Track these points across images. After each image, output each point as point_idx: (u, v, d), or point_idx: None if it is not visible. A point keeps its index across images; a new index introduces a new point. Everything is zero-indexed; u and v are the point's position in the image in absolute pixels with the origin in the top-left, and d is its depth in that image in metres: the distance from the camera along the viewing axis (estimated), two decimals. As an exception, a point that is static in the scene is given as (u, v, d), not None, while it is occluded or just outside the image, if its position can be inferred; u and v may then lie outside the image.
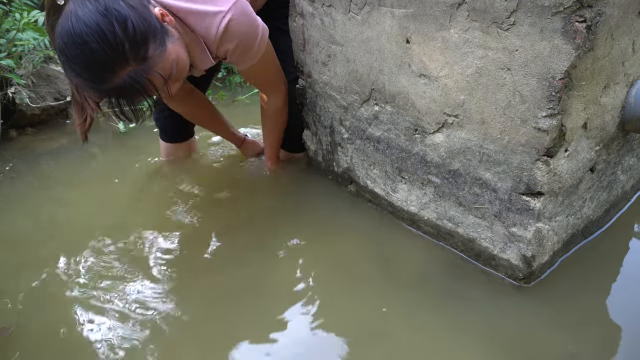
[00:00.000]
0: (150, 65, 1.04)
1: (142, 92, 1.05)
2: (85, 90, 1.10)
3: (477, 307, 1.14)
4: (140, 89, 1.04)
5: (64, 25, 0.98)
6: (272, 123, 1.63)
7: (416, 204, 1.34)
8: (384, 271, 1.26)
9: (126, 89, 1.03)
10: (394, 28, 1.19)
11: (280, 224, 1.46)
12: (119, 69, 1.01)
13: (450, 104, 1.14)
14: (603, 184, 1.25)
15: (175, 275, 1.30)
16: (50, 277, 1.31)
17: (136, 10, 1.02)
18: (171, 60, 1.09)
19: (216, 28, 1.20)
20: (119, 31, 0.98)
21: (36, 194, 1.71)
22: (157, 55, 1.05)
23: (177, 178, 1.73)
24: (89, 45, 0.97)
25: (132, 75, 1.02)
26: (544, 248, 1.13)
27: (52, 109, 2.20)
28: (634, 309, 1.12)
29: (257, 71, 1.42)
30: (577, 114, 1.02)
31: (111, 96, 1.05)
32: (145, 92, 1.06)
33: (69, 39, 0.97)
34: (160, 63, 1.06)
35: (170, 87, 1.12)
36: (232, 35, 1.23)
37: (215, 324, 1.15)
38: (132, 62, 1.01)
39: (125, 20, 0.99)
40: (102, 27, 0.97)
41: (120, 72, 1.01)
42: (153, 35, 1.04)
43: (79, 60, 0.99)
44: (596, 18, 0.91)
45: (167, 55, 1.07)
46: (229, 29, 1.21)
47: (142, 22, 1.02)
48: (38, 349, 1.11)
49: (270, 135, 1.66)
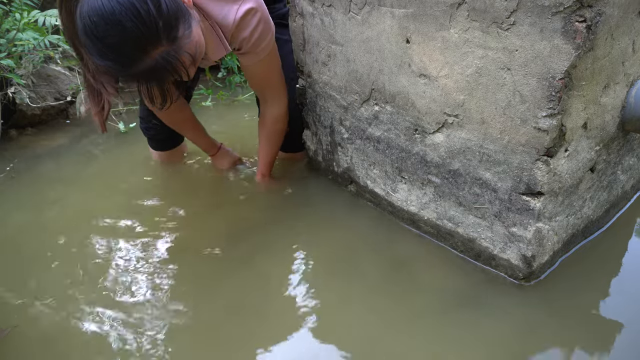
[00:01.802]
0: (181, 45, 1.03)
1: (173, 72, 1.03)
2: (110, 74, 1.07)
3: (477, 307, 1.14)
4: (171, 69, 1.02)
5: (91, 4, 0.94)
6: (269, 132, 1.58)
7: (416, 204, 1.34)
8: (384, 272, 1.26)
9: (157, 70, 1.01)
10: (394, 28, 1.19)
11: (280, 225, 1.46)
12: (152, 49, 0.98)
13: (450, 104, 1.14)
14: (603, 184, 1.25)
15: (176, 277, 1.30)
16: (49, 277, 1.30)
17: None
18: (195, 42, 1.08)
19: (234, 14, 1.23)
20: (152, 9, 0.96)
21: (36, 194, 1.70)
22: (186, 36, 1.04)
23: (176, 177, 1.73)
24: (123, 24, 0.93)
25: (164, 55, 1.00)
26: (544, 248, 1.13)
27: (52, 109, 2.20)
28: (634, 308, 1.12)
29: (262, 70, 1.42)
30: (577, 113, 1.02)
31: (140, 79, 1.03)
32: (175, 73, 1.04)
33: (100, 17, 0.93)
34: (187, 44, 1.05)
35: (191, 70, 1.10)
36: (250, 23, 1.25)
37: (216, 324, 1.15)
38: (164, 42, 0.99)
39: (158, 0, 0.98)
40: (136, 5, 0.94)
41: (153, 53, 0.99)
42: (183, 15, 1.03)
43: (111, 40, 0.95)
44: (596, 18, 0.91)
45: (192, 36, 1.06)
46: (247, 16, 1.24)
47: (172, 2, 1.01)
48: (35, 351, 1.10)
49: (266, 147, 1.61)
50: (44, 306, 1.21)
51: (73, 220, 1.54)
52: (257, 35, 1.29)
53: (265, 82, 1.48)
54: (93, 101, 1.21)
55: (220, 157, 1.74)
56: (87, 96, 1.23)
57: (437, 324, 1.11)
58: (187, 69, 1.06)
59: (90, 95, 1.21)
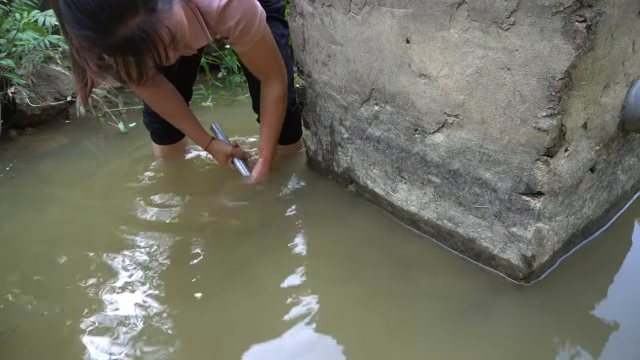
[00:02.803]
0: (159, 18, 1.03)
1: (150, 45, 1.03)
2: (89, 47, 1.07)
3: (477, 307, 1.14)
4: (149, 41, 1.03)
5: None
6: (270, 114, 1.57)
7: (416, 203, 1.34)
8: (384, 273, 1.26)
9: (134, 41, 1.01)
10: (394, 28, 1.19)
11: (279, 225, 1.46)
12: (128, 17, 0.99)
13: (450, 104, 1.14)
14: (603, 184, 1.25)
15: (176, 277, 1.30)
16: (48, 278, 1.30)
17: None
18: (176, 21, 1.08)
19: (218, 1, 1.23)
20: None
21: (36, 194, 1.71)
22: (165, 10, 1.05)
23: (176, 177, 1.73)
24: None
25: (140, 25, 1.00)
26: (544, 248, 1.13)
27: (52, 109, 2.20)
28: (634, 308, 1.12)
29: (256, 54, 1.42)
30: (577, 113, 1.02)
31: (117, 51, 1.03)
32: (153, 46, 1.04)
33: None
34: (167, 19, 1.05)
35: (170, 52, 1.10)
36: (234, 11, 1.25)
37: (217, 326, 1.15)
38: (141, 11, 1.00)
39: None
40: None
41: (129, 21, 0.99)
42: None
43: (87, 7, 0.96)
44: (596, 18, 0.91)
45: (173, 14, 1.07)
46: (231, 5, 1.24)
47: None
48: (34, 353, 1.10)
49: (267, 129, 1.60)
50: (44, 308, 1.21)
51: (73, 221, 1.54)
52: (243, 25, 1.30)
53: (262, 66, 1.49)
54: (77, 77, 1.22)
55: (212, 150, 1.70)
56: (72, 71, 1.23)
57: (437, 325, 1.11)
58: (166, 46, 1.06)
59: (75, 71, 1.22)
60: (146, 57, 1.05)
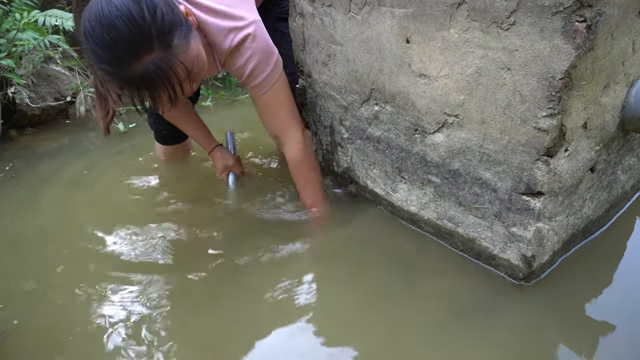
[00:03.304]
0: (174, 54, 1.05)
1: (165, 81, 1.05)
2: (108, 79, 1.10)
3: (477, 307, 1.14)
4: (163, 77, 1.04)
5: (92, 8, 1.00)
6: (299, 175, 1.48)
7: (416, 203, 1.34)
8: (384, 273, 1.26)
9: (149, 77, 1.03)
10: (394, 28, 1.19)
11: (279, 226, 1.46)
12: (143, 54, 1.01)
13: (450, 104, 1.14)
14: (603, 184, 1.25)
15: (176, 277, 1.30)
16: (48, 279, 1.30)
17: (165, 1, 1.05)
18: (193, 56, 1.09)
19: (230, 42, 1.23)
20: (147, 16, 1.00)
21: (36, 193, 1.70)
22: (181, 46, 1.06)
23: (176, 179, 1.73)
24: (117, 27, 0.98)
25: (155, 61, 1.02)
26: (544, 248, 1.13)
27: (52, 109, 2.20)
28: (634, 308, 1.12)
29: (268, 101, 1.37)
30: (577, 113, 1.02)
31: (133, 85, 1.05)
32: (167, 82, 1.05)
33: (97, 21, 0.99)
34: (183, 55, 1.06)
35: (187, 86, 1.12)
36: (244, 50, 1.24)
37: (215, 329, 1.15)
38: (156, 48, 1.02)
39: (155, 7, 1.01)
40: (132, 11, 0.99)
41: (144, 58, 1.01)
42: (179, 26, 1.06)
43: (104, 42, 0.99)
44: (596, 18, 0.91)
45: (190, 49, 1.08)
46: (242, 45, 1.24)
47: (170, 12, 1.04)
48: (34, 353, 1.10)
49: (308, 187, 1.49)
50: (43, 307, 1.21)
51: (73, 221, 1.54)
52: (253, 64, 1.27)
53: (274, 118, 1.42)
54: (99, 105, 1.26)
55: (214, 157, 1.71)
56: (95, 99, 1.26)
57: (437, 324, 1.11)
58: (181, 81, 1.07)
59: (98, 100, 1.26)
60: (161, 92, 1.07)
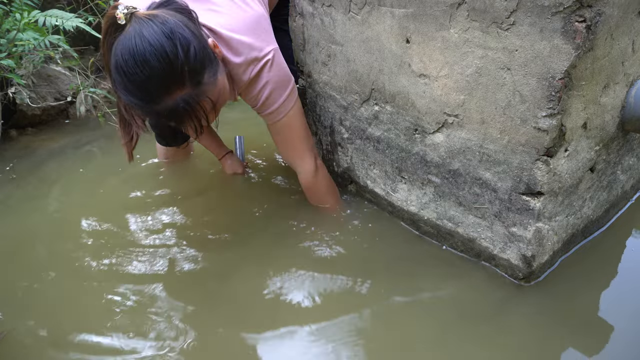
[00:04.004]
0: (203, 91, 1.06)
1: (192, 115, 1.06)
2: (134, 110, 1.12)
3: (477, 307, 1.14)
4: (191, 112, 1.06)
5: (125, 43, 0.99)
6: (311, 200, 1.51)
7: (416, 203, 1.34)
8: (384, 274, 1.26)
9: (177, 111, 1.04)
10: (394, 28, 1.19)
11: (279, 226, 1.46)
12: (174, 90, 1.02)
13: (450, 104, 1.14)
14: (603, 184, 1.25)
15: (175, 277, 1.30)
16: (48, 279, 1.30)
17: (197, 38, 1.05)
18: (218, 90, 1.11)
19: (249, 74, 1.24)
20: (181, 54, 1.00)
21: (36, 194, 1.70)
22: (210, 82, 1.07)
23: (177, 179, 1.73)
24: (150, 63, 0.98)
25: (185, 97, 1.03)
26: (544, 248, 1.13)
27: (52, 109, 2.20)
28: (634, 308, 1.12)
29: (283, 131, 1.38)
30: (577, 113, 1.02)
31: (160, 117, 1.07)
32: (194, 116, 1.07)
33: (130, 56, 0.98)
34: (210, 91, 1.08)
35: (212, 117, 1.14)
36: (261, 77, 1.25)
37: (214, 333, 1.15)
38: (187, 85, 1.03)
39: (188, 45, 1.02)
40: (165, 48, 0.99)
41: (175, 94, 1.03)
42: (210, 64, 1.07)
43: (136, 78, 1.00)
44: (596, 18, 0.91)
45: (217, 84, 1.10)
46: (261, 74, 1.25)
47: (202, 50, 1.05)
48: (31, 354, 1.10)
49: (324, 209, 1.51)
50: (43, 308, 1.21)
51: (73, 221, 1.54)
52: (269, 91, 1.27)
53: (286, 144, 1.43)
54: (123, 131, 1.26)
55: (224, 164, 1.74)
56: (119, 126, 1.26)
57: (436, 324, 1.11)
58: (207, 114, 1.09)
59: (121, 125, 1.26)
60: (187, 124, 1.09)
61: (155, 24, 1.00)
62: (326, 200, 1.52)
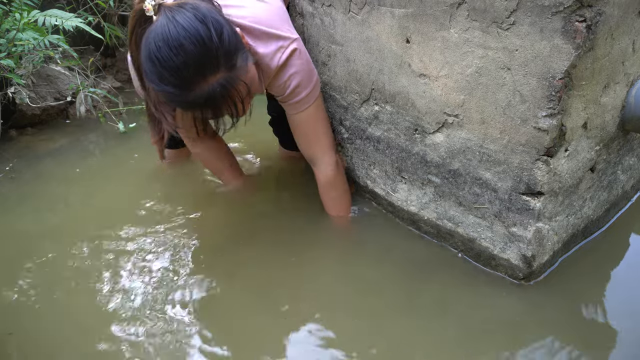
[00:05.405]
0: (238, 74, 1.06)
1: (229, 100, 1.06)
2: (166, 100, 1.10)
3: (477, 307, 1.14)
4: (228, 97, 1.06)
5: (158, 30, 0.99)
6: (326, 197, 1.47)
7: (416, 203, 1.34)
8: (384, 274, 1.26)
9: (214, 97, 1.04)
10: (394, 28, 1.19)
11: (278, 227, 1.46)
12: (210, 74, 1.02)
13: (450, 104, 1.14)
14: (603, 184, 1.24)
15: (175, 278, 1.30)
16: (48, 279, 1.30)
17: (228, 23, 1.06)
18: (250, 76, 1.11)
19: (277, 60, 1.23)
20: (215, 37, 1.00)
21: (36, 193, 1.70)
22: (243, 67, 1.07)
23: (177, 180, 1.73)
24: (185, 48, 0.98)
25: (221, 81, 1.03)
26: (544, 248, 1.13)
27: (52, 109, 2.20)
28: (634, 308, 1.12)
29: (306, 122, 1.37)
30: (577, 113, 1.02)
31: (195, 106, 1.06)
32: (231, 101, 1.07)
33: (164, 42, 0.98)
34: (244, 75, 1.08)
35: (247, 104, 1.14)
36: (290, 65, 1.25)
37: (215, 339, 1.15)
38: (222, 69, 1.03)
39: (221, 29, 1.02)
40: (200, 32, 0.99)
41: (210, 78, 1.02)
42: (242, 48, 1.08)
43: (171, 64, 0.99)
44: (596, 18, 0.91)
45: (248, 70, 1.10)
46: (290, 60, 1.24)
47: (233, 34, 1.05)
48: (30, 355, 1.09)
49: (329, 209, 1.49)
50: (42, 309, 1.21)
51: (73, 221, 1.54)
52: (297, 81, 1.27)
53: (308, 137, 1.41)
54: (153, 130, 1.25)
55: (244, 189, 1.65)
56: (148, 124, 1.25)
57: (436, 325, 1.11)
58: (243, 100, 1.09)
59: (151, 124, 1.25)
60: (224, 110, 1.09)
61: (187, 9, 1.00)
62: (340, 196, 1.48)
